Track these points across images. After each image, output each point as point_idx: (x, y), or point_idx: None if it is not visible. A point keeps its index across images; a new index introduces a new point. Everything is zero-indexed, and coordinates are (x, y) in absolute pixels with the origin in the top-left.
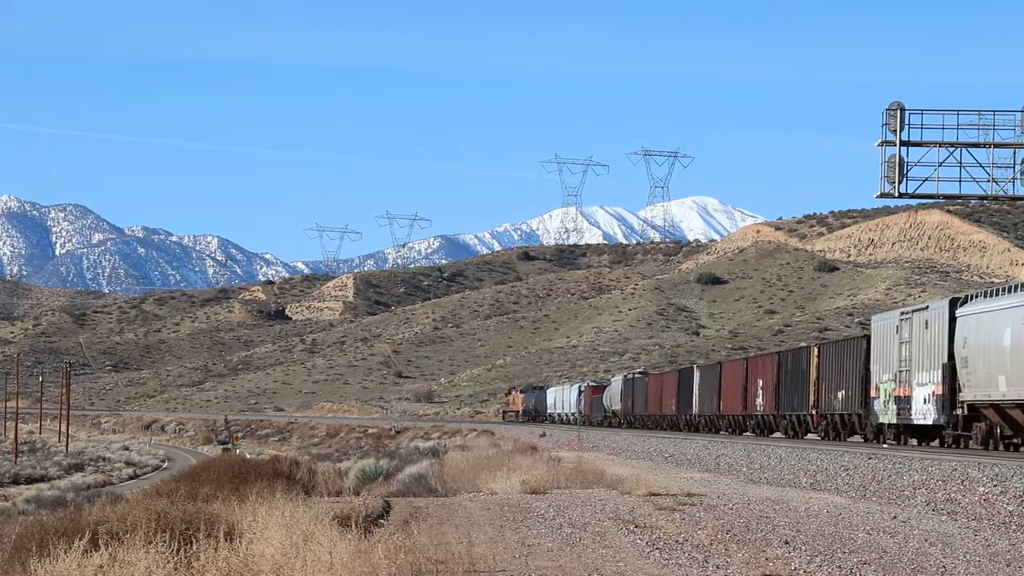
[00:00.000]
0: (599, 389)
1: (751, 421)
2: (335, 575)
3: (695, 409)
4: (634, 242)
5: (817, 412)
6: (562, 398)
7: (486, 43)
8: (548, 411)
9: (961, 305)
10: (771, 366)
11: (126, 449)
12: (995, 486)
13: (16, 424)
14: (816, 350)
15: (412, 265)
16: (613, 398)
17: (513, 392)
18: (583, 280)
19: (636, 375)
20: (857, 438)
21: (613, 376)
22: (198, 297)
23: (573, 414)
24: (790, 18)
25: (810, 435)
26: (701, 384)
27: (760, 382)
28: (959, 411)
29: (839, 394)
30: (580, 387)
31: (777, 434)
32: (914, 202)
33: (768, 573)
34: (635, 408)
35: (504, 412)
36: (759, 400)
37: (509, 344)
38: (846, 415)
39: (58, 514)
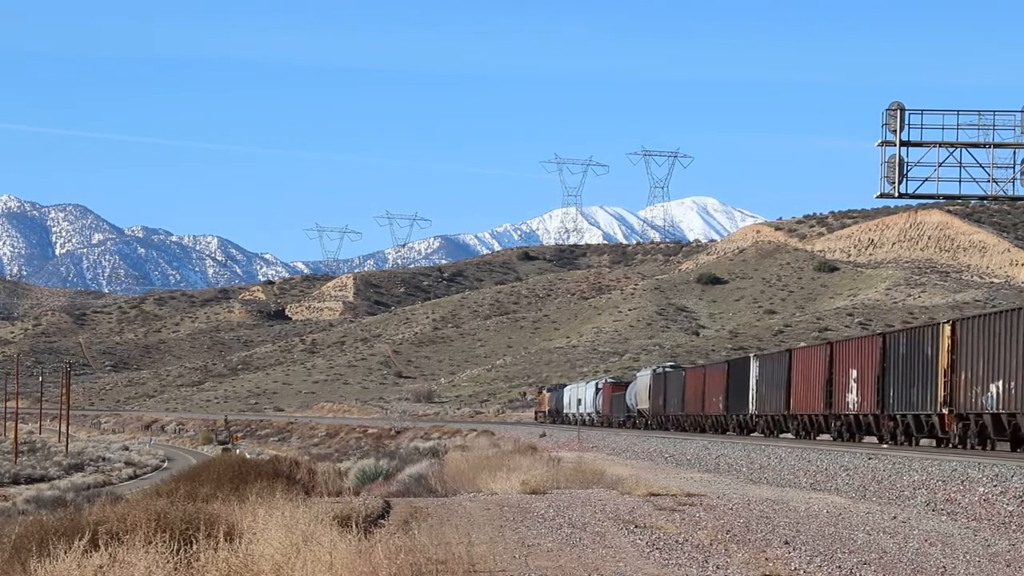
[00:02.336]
0: (620, 386)
1: (837, 422)
2: (335, 575)
3: (752, 408)
4: (634, 242)
5: (950, 411)
6: (577, 397)
7: (486, 43)
8: (563, 411)
9: None
10: (872, 351)
11: (126, 449)
12: (995, 486)
13: (16, 424)
14: (949, 328)
15: (412, 265)
16: (639, 396)
17: (543, 391)
18: (583, 280)
19: (667, 368)
20: None
21: (640, 370)
22: (198, 297)
23: (590, 414)
24: (790, 18)
25: (926, 442)
26: (761, 377)
27: (853, 373)
28: None
29: (993, 387)
30: (598, 384)
31: (870, 439)
32: (914, 202)
33: (768, 573)
34: (668, 407)
35: (536, 412)
36: (851, 396)
37: (509, 344)
38: (1006, 416)
39: (58, 514)
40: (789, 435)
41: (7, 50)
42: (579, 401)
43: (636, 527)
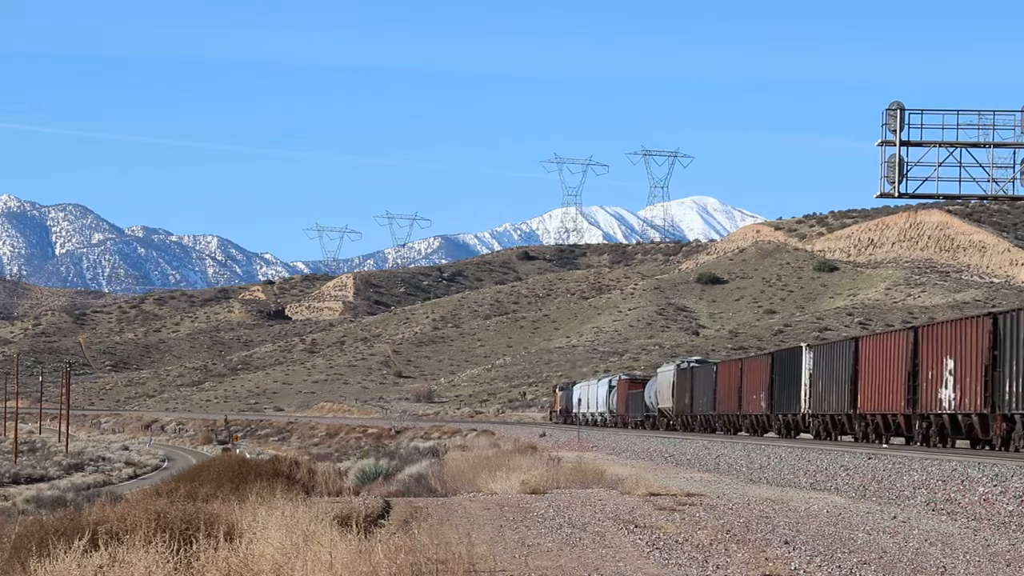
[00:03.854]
0: (638, 383)
1: (923, 423)
2: (335, 575)
3: (804, 406)
4: (634, 242)
5: None
6: (588, 396)
7: (486, 43)
8: (573, 411)
9: None
10: (978, 336)
11: (126, 449)
12: (995, 486)
13: (16, 424)
14: None
15: (412, 265)
16: (660, 394)
17: (556, 390)
18: (583, 280)
19: (693, 363)
20: None
21: (660, 366)
22: (198, 297)
23: (603, 414)
24: (790, 18)
25: None
26: (817, 370)
27: (949, 363)
28: None
29: None
30: (611, 381)
31: (965, 445)
32: (914, 202)
33: (768, 573)
34: (696, 406)
35: (551, 413)
36: (945, 392)
37: (509, 344)
38: None
39: (58, 514)
40: (850, 438)
41: (7, 50)
42: (590, 400)
43: (636, 527)
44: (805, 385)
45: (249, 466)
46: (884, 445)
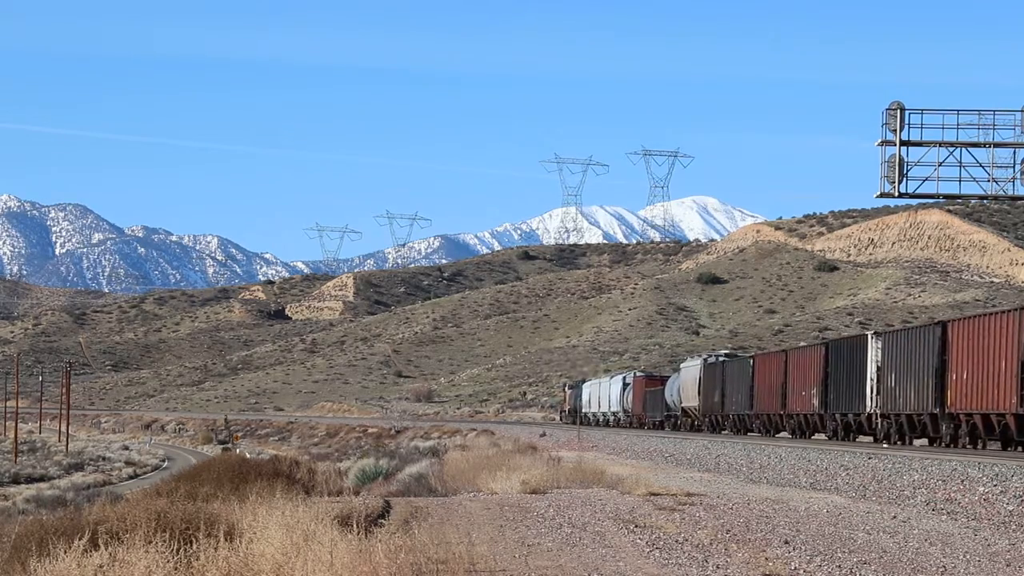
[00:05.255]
0: (656, 380)
1: None
2: (336, 575)
3: (871, 405)
4: (634, 242)
5: None
6: (599, 394)
7: (486, 43)
8: (583, 410)
9: None
10: None
11: (126, 449)
12: (995, 486)
13: (16, 424)
14: None
15: (412, 265)
16: (684, 391)
17: (566, 388)
18: (583, 280)
19: (722, 357)
20: None
21: (688, 360)
22: (198, 297)
23: (616, 414)
24: (790, 18)
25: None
26: (888, 362)
27: None
28: None
29: None
30: (625, 378)
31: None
32: (914, 202)
33: (768, 573)
34: (728, 404)
35: (560, 413)
36: None
37: (509, 344)
38: None
39: (58, 514)
40: (958, 445)
41: (7, 50)
42: (601, 399)
43: (636, 527)
44: (872, 380)
45: (249, 466)
46: (984, 449)
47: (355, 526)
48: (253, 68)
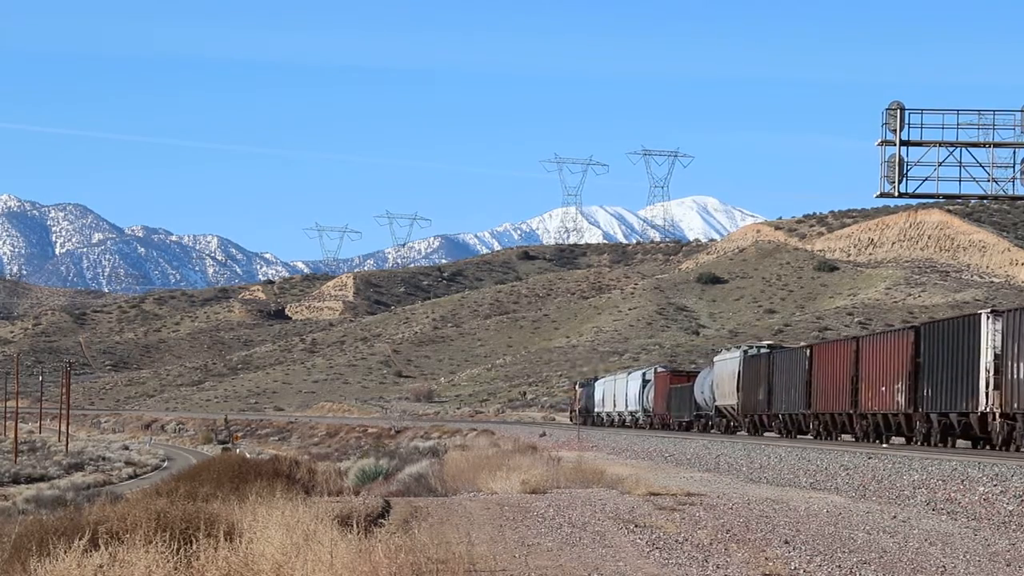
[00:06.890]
0: (683, 376)
1: None
2: (336, 575)
3: (986, 401)
4: (634, 242)
5: None
6: (615, 392)
7: (486, 43)
8: (595, 410)
9: None
10: None
11: (126, 449)
12: (995, 486)
13: (16, 424)
14: None
15: (412, 265)
16: (720, 388)
17: (576, 386)
18: (583, 280)
19: (763, 349)
20: None
21: (719, 354)
22: (198, 297)
23: (633, 414)
24: (790, 18)
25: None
26: (1009, 348)
27: None
28: None
29: None
30: (645, 374)
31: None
32: (914, 202)
33: (768, 573)
34: (775, 402)
35: (570, 413)
36: None
37: (509, 344)
38: None
39: (58, 514)
40: None
41: (7, 50)
42: (617, 397)
43: (636, 526)
44: (986, 372)
45: (249, 466)
46: None
47: (355, 526)
48: (253, 68)
